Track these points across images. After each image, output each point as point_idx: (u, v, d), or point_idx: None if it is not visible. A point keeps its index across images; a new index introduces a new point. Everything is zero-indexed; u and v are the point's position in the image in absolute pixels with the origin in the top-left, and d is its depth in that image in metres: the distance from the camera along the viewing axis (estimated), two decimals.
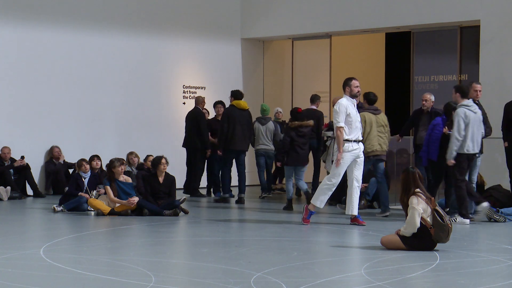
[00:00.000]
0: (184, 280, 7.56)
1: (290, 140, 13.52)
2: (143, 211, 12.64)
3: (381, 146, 12.67)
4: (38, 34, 16.34)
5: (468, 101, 11.93)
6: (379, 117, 12.78)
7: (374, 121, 12.67)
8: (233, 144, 14.69)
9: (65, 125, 16.68)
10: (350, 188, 11.53)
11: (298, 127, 13.57)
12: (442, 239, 9.12)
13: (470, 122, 11.77)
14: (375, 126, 12.65)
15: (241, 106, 14.85)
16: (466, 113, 11.80)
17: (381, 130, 12.73)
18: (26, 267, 8.09)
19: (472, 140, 11.81)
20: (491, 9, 15.61)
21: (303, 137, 13.59)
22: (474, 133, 11.84)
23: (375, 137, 12.62)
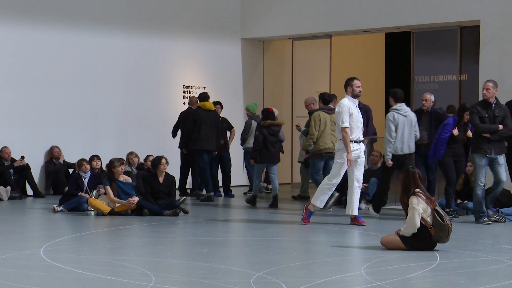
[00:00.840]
0: (184, 280, 7.56)
1: (263, 138, 13.99)
2: (143, 211, 12.64)
3: (334, 144, 12.91)
4: (38, 34, 16.34)
5: (399, 105, 12.46)
6: (333, 116, 13.10)
7: (328, 120, 13.34)
8: (200, 144, 15.06)
9: (65, 125, 16.68)
10: (351, 188, 11.54)
11: (270, 125, 14.09)
12: (442, 239, 9.12)
13: (399, 124, 12.34)
14: (329, 125, 13.30)
15: (207, 107, 15.27)
16: (395, 116, 12.36)
17: (334, 128, 12.81)
18: (26, 267, 8.09)
19: (402, 141, 12.35)
20: (491, 9, 15.61)
21: (275, 135, 14.10)
22: (404, 135, 12.36)
23: (329, 135, 13.30)
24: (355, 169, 11.46)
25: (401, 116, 12.42)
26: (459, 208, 13.10)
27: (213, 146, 15.27)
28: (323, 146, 13.40)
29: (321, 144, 13.38)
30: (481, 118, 12.01)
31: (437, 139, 12.78)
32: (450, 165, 12.59)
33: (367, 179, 14.01)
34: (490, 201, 12.28)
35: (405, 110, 12.52)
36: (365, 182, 14.01)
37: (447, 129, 12.66)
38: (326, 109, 13.56)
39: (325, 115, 13.41)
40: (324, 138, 13.36)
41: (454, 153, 12.69)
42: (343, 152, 11.37)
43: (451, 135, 12.57)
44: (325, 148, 13.40)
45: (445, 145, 12.59)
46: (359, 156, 11.48)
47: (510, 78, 14.92)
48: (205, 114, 15.24)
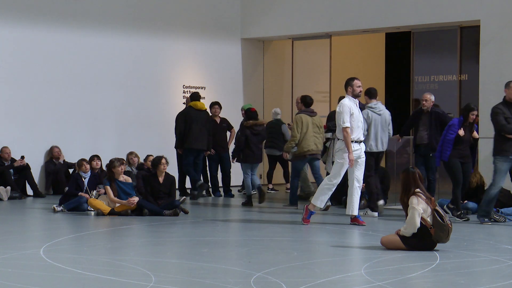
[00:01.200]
0: (184, 280, 7.56)
1: (245, 138, 14.29)
2: (143, 211, 12.64)
3: (317, 145, 13.59)
4: (38, 34, 16.34)
5: (374, 102, 12.79)
6: (315, 118, 13.68)
7: (310, 122, 13.58)
8: (190, 143, 15.24)
9: (65, 125, 16.69)
10: (351, 188, 11.53)
11: (253, 125, 14.41)
12: (442, 239, 9.12)
13: (372, 122, 12.66)
14: (311, 127, 13.55)
15: (198, 107, 15.46)
16: (369, 114, 12.67)
17: (317, 131, 13.63)
18: (26, 267, 8.09)
19: (375, 139, 12.68)
20: (491, 9, 15.61)
21: (258, 135, 14.42)
22: (378, 133, 12.70)
23: (312, 137, 13.55)
24: (355, 169, 11.46)
25: (375, 114, 12.72)
26: None
27: (204, 145, 15.40)
28: (306, 148, 13.56)
29: (304, 146, 13.55)
30: (506, 119, 11.91)
31: (442, 140, 12.60)
32: (457, 166, 12.39)
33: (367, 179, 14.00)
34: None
35: (380, 108, 12.81)
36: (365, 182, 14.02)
37: (452, 130, 12.49)
38: (308, 112, 13.76)
39: (307, 117, 13.63)
40: (307, 140, 13.53)
41: (460, 155, 12.46)
42: (343, 152, 11.36)
43: (457, 136, 12.41)
44: (308, 150, 13.58)
45: (451, 146, 12.40)
46: (360, 156, 11.48)
47: (510, 78, 14.88)
48: (196, 113, 15.39)
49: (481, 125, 15.64)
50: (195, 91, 15.92)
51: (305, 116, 13.66)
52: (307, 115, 13.70)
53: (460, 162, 12.46)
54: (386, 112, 12.92)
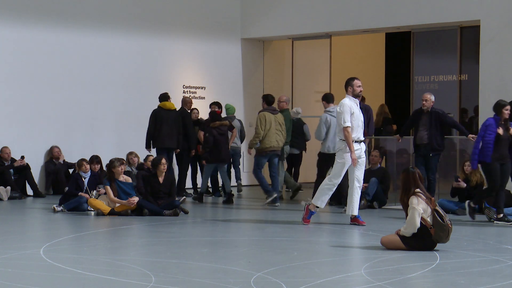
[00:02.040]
0: (184, 280, 7.56)
1: (213, 139, 14.69)
2: (143, 211, 12.64)
3: (278, 142, 14.23)
4: (38, 34, 16.34)
5: (332, 107, 13.47)
6: (277, 116, 14.30)
7: (273, 120, 14.18)
8: (161, 142, 15.51)
9: (65, 125, 16.69)
10: (351, 188, 11.53)
11: (219, 126, 14.87)
12: (442, 239, 9.12)
13: (331, 126, 13.35)
14: (273, 125, 14.14)
15: (167, 107, 15.76)
16: (327, 118, 13.44)
17: (279, 128, 14.23)
18: (26, 267, 8.09)
19: (333, 141, 13.15)
20: (491, 9, 15.61)
21: (223, 135, 14.87)
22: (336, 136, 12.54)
23: (274, 134, 14.16)
24: (355, 169, 11.46)
25: (334, 118, 13.08)
26: (459, 208, 13.10)
27: (174, 144, 15.66)
28: (268, 145, 14.13)
29: (266, 143, 14.12)
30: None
31: (479, 142, 12.06)
32: (497, 170, 11.96)
33: (367, 179, 14.01)
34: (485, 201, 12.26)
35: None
36: (365, 182, 14.03)
37: (490, 130, 12.02)
38: (270, 110, 14.34)
39: (270, 115, 14.20)
40: (269, 137, 14.10)
41: (500, 156, 12.00)
42: (343, 152, 11.36)
43: (497, 135, 11.97)
44: (270, 147, 14.15)
45: (491, 147, 11.94)
46: (360, 156, 11.48)
47: (510, 78, 14.92)
48: (166, 113, 15.68)
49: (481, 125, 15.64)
50: (164, 92, 16.08)
51: (268, 114, 14.24)
52: (270, 113, 14.26)
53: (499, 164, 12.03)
54: None
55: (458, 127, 14.01)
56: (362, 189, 13.85)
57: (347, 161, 11.34)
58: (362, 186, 13.90)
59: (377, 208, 13.91)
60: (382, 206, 14.03)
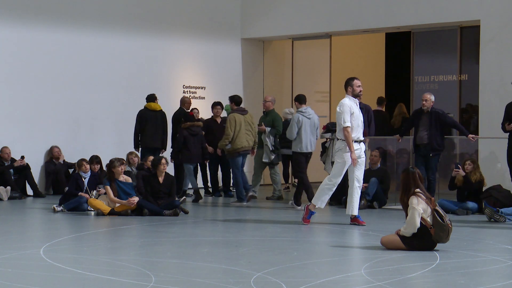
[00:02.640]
0: (184, 280, 7.56)
1: (183, 139, 15.07)
2: (143, 211, 12.64)
3: (248, 142, 14.49)
4: (38, 34, 16.34)
5: (304, 107, 13.83)
6: (246, 117, 14.53)
7: (242, 121, 14.40)
8: (146, 142, 15.80)
9: (65, 125, 16.69)
10: (351, 188, 11.52)
11: (190, 127, 15.20)
12: (442, 239, 9.12)
13: (303, 126, 13.63)
14: (243, 125, 14.38)
15: (153, 108, 15.99)
16: (300, 118, 13.71)
17: (248, 128, 14.49)
18: (26, 267, 8.09)
19: (305, 141, 13.62)
20: (491, 9, 15.61)
21: (196, 136, 15.17)
22: (307, 135, 13.66)
23: (244, 135, 14.39)
24: (355, 169, 11.45)
25: (305, 118, 13.72)
26: (459, 208, 13.10)
27: (159, 144, 15.88)
28: (240, 145, 14.37)
29: (237, 144, 14.36)
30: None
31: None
32: None
33: (367, 179, 14.01)
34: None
35: (309, 112, 13.84)
36: (365, 182, 14.03)
37: None
38: (239, 111, 14.61)
39: (240, 116, 14.44)
40: (240, 138, 14.35)
41: None
42: (343, 152, 11.36)
43: None
44: (241, 147, 14.41)
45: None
46: (360, 156, 11.47)
47: (510, 78, 14.92)
48: (151, 114, 15.90)
49: (480, 125, 15.66)
50: (151, 93, 16.23)
51: (238, 115, 14.46)
52: (239, 114, 14.51)
53: None
54: (315, 116, 13.95)
55: (458, 127, 14.01)
56: (362, 189, 13.88)
57: (347, 161, 11.34)
58: (362, 186, 13.95)
59: (377, 208, 13.91)
60: (382, 206, 14.03)
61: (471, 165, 13.33)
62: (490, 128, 15.19)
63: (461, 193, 13.39)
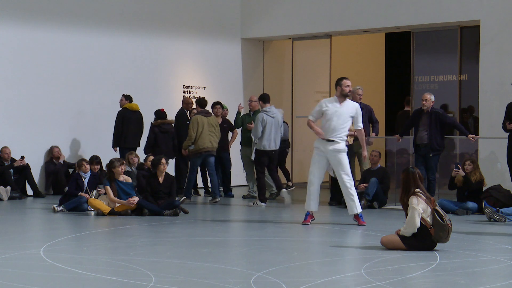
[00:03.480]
0: (184, 280, 7.56)
1: (154, 136, 15.61)
2: (143, 211, 12.65)
3: (212, 143, 14.92)
4: (38, 34, 16.34)
5: (268, 107, 14.27)
6: (210, 119, 15.01)
7: (206, 122, 14.86)
8: (125, 142, 16.21)
9: (65, 125, 16.69)
10: (344, 189, 11.56)
11: (160, 124, 15.73)
12: (442, 239, 9.12)
13: (266, 124, 14.08)
14: (206, 127, 14.83)
15: (133, 108, 16.40)
16: (264, 117, 14.13)
17: (212, 130, 14.93)
18: (26, 267, 8.09)
19: (269, 139, 14.10)
20: (491, 9, 15.61)
21: (166, 133, 15.66)
22: (271, 134, 14.12)
23: (207, 136, 14.84)
24: (338, 169, 11.47)
25: (269, 117, 14.18)
26: (459, 208, 13.10)
27: (138, 144, 16.31)
28: (202, 146, 14.82)
29: (200, 144, 14.82)
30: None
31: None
32: None
33: (367, 179, 14.02)
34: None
35: (273, 112, 14.31)
36: (365, 182, 14.03)
37: None
38: (203, 113, 15.10)
39: (203, 118, 14.92)
40: (203, 139, 14.81)
41: None
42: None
43: None
44: (203, 148, 14.84)
45: None
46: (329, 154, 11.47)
47: (510, 78, 14.93)
48: (131, 114, 16.27)
49: (480, 125, 15.66)
50: (127, 94, 16.49)
51: (201, 117, 14.92)
52: (203, 116, 14.96)
53: None
54: (279, 115, 14.46)
55: (458, 127, 14.01)
56: (362, 189, 13.89)
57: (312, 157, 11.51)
58: (362, 186, 13.95)
59: (377, 208, 13.91)
60: (382, 206, 14.03)
61: (471, 165, 13.33)
62: (490, 128, 15.20)
63: (461, 193, 13.39)
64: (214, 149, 15.04)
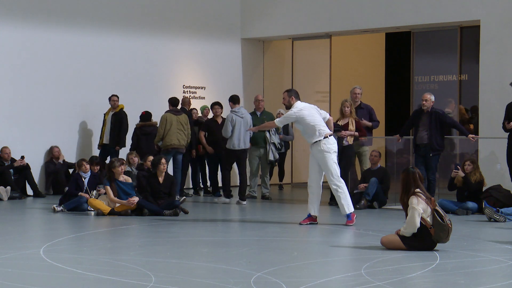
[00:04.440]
0: (184, 280, 7.56)
1: (136, 138, 16.11)
2: (143, 211, 12.64)
3: (179, 141, 15.35)
4: (38, 34, 16.34)
5: (237, 107, 14.73)
6: (180, 117, 15.44)
7: (174, 120, 15.33)
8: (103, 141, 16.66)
9: (65, 125, 16.69)
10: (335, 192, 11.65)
11: (142, 126, 16.22)
12: (442, 239, 9.12)
13: (236, 124, 14.50)
14: (175, 125, 15.29)
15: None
16: (233, 117, 14.57)
17: (181, 128, 15.35)
18: (26, 267, 8.09)
19: (238, 139, 14.52)
20: (491, 9, 15.61)
21: (148, 135, 16.08)
22: (241, 133, 14.51)
23: (175, 133, 15.29)
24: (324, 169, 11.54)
25: (238, 117, 14.60)
26: (459, 208, 13.10)
27: (114, 143, 16.55)
28: (169, 143, 15.27)
29: (167, 141, 15.29)
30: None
31: None
32: None
33: (367, 179, 14.02)
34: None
35: (242, 112, 14.75)
36: (365, 182, 14.03)
37: None
38: (173, 111, 15.55)
39: (172, 116, 15.39)
40: (170, 136, 15.27)
41: None
42: None
43: None
44: (170, 145, 15.28)
45: None
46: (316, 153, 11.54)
47: (510, 78, 14.92)
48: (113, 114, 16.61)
49: (480, 125, 15.66)
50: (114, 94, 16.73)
51: (170, 115, 15.40)
52: (172, 114, 15.42)
53: None
54: (248, 115, 14.83)
55: (458, 127, 14.01)
56: (362, 189, 13.90)
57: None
58: (362, 186, 13.96)
59: (377, 208, 13.91)
60: (382, 206, 14.03)
61: (471, 166, 13.33)
62: (490, 128, 15.20)
63: (461, 193, 13.39)
64: (182, 147, 15.40)
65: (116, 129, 16.36)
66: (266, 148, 15.52)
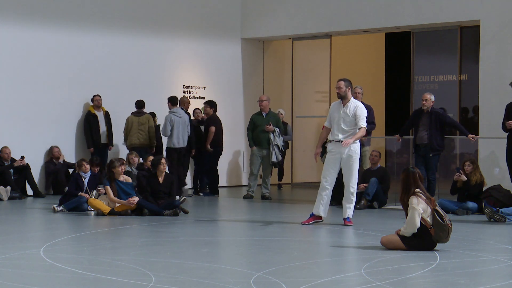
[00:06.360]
0: (184, 280, 7.56)
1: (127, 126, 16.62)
2: (143, 211, 12.64)
3: (139, 140, 16.28)
4: (38, 34, 16.34)
5: (175, 108, 15.70)
6: (140, 118, 16.38)
7: (135, 121, 16.33)
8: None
9: (65, 125, 16.69)
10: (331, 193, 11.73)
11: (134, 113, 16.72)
12: (442, 239, 9.12)
13: (175, 124, 15.55)
14: (135, 125, 16.29)
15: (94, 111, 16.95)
16: (172, 118, 15.58)
17: (141, 128, 16.30)
18: (26, 267, 8.09)
19: (177, 138, 15.55)
20: (491, 9, 15.61)
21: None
22: (179, 133, 15.56)
23: (135, 133, 16.28)
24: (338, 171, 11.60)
25: (177, 117, 15.61)
26: (459, 208, 13.10)
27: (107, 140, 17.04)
28: (130, 143, 16.31)
29: (129, 140, 16.37)
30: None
31: None
32: None
33: (367, 179, 14.02)
34: None
35: (180, 113, 15.72)
36: (365, 182, 14.03)
37: None
38: (135, 113, 16.49)
39: (133, 117, 16.40)
40: (131, 136, 16.32)
41: None
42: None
43: None
44: (131, 144, 16.24)
45: None
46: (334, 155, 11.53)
47: (510, 78, 14.92)
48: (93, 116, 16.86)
49: (480, 125, 15.66)
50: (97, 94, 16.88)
51: (132, 116, 16.43)
52: (134, 115, 16.41)
53: None
54: (185, 116, 15.75)
55: (458, 127, 14.01)
56: (362, 189, 13.90)
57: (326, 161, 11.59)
58: (362, 186, 13.96)
59: (377, 208, 13.91)
60: (382, 206, 14.03)
61: (471, 166, 13.33)
62: (490, 128, 15.19)
63: (461, 193, 13.39)
64: (142, 145, 16.25)
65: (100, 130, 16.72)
66: (269, 149, 15.48)
